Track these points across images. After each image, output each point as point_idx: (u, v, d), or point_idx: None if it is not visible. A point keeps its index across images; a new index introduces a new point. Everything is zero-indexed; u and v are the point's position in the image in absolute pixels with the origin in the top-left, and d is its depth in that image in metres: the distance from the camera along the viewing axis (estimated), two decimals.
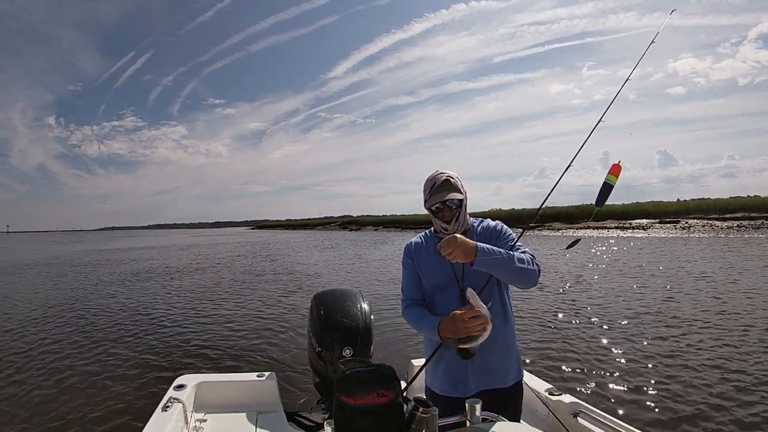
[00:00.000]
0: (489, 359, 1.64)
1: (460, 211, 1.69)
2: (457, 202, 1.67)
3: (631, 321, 6.58)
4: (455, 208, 1.67)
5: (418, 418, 1.18)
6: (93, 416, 3.79)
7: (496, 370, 1.66)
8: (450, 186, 1.66)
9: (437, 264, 1.70)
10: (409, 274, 1.80)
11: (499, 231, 1.73)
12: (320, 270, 15.21)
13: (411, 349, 5.25)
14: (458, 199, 1.66)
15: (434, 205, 1.67)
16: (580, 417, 1.98)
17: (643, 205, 39.13)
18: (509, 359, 1.70)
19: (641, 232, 30.99)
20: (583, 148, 1.77)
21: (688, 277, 10.53)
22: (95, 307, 8.97)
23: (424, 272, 1.75)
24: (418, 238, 1.84)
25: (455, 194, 1.65)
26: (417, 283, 1.78)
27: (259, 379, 2.33)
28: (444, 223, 1.69)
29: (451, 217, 1.67)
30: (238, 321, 7.36)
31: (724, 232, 27.51)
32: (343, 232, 61.79)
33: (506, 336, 1.70)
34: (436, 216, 1.70)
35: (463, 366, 1.64)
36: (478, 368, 1.64)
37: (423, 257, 1.77)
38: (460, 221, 1.69)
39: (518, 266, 1.53)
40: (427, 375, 1.79)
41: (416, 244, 1.81)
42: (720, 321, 6.38)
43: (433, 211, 1.70)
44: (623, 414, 3.56)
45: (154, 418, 1.87)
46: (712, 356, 4.89)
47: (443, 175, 1.68)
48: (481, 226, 1.77)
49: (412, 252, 1.80)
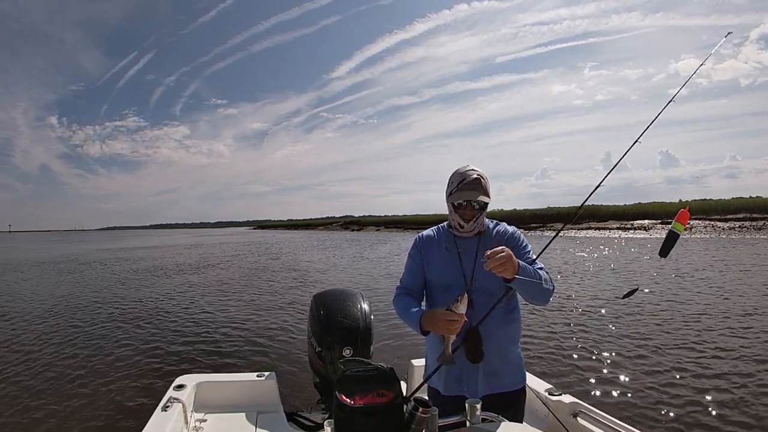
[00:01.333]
0: (496, 363, 1.62)
1: (482, 213, 1.66)
2: (482, 204, 1.64)
3: (631, 321, 6.56)
4: (478, 209, 1.64)
5: (417, 418, 1.18)
6: (93, 416, 3.79)
7: (502, 374, 1.64)
8: (480, 186, 1.62)
9: (448, 262, 1.67)
10: (412, 265, 1.77)
11: (517, 240, 1.70)
12: (320, 270, 15.22)
13: (411, 349, 5.25)
14: (485, 202, 1.64)
15: (459, 201, 1.63)
16: (580, 417, 1.97)
17: (645, 205, 39.05)
18: (515, 363, 1.69)
19: (643, 233, 30.93)
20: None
21: (688, 277, 10.50)
22: (95, 306, 8.97)
23: (432, 268, 1.72)
24: (430, 232, 1.79)
25: (484, 197, 1.62)
26: (418, 276, 1.75)
27: (259, 379, 2.33)
28: (463, 221, 1.66)
29: (471, 217, 1.64)
30: (238, 321, 7.36)
31: (725, 233, 27.44)
32: (344, 232, 61.78)
33: (514, 340, 1.70)
34: (457, 211, 1.66)
35: (469, 368, 1.62)
36: (485, 371, 1.62)
37: (433, 252, 1.73)
38: (478, 222, 1.67)
39: (543, 287, 1.52)
40: (429, 372, 1.76)
41: (428, 237, 1.77)
42: (721, 321, 6.36)
43: (455, 206, 1.66)
44: (623, 414, 3.54)
45: (154, 418, 1.87)
46: (713, 356, 4.88)
47: (474, 173, 1.63)
48: (497, 231, 1.73)
49: (423, 245, 1.76)
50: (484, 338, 1.59)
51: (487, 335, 1.59)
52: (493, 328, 1.60)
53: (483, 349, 1.59)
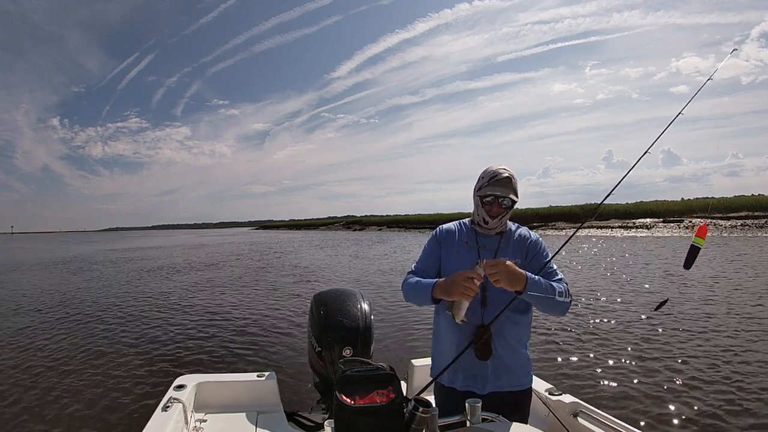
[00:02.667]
0: (505, 362, 1.63)
1: (508, 212, 1.67)
2: (510, 203, 1.65)
3: (631, 320, 6.54)
4: (505, 207, 1.65)
5: (418, 418, 1.18)
6: (93, 416, 3.79)
7: (510, 373, 1.65)
8: (511, 186, 1.64)
9: (466, 256, 1.67)
10: (428, 253, 1.77)
11: (536, 247, 1.70)
12: (321, 269, 15.22)
13: (411, 349, 5.24)
14: (514, 201, 1.65)
15: (489, 195, 1.64)
16: (580, 417, 1.98)
17: (647, 204, 38.97)
18: (523, 364, 1.70)
19: (645, 232, 30.87)
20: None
21: (690, 276, 10.45)
22: (95, 306, 8.98)
23: (448, 259, 1.72)
24: (452, 225, 1.80)
25: (513, 196, 1.64)
26: (432, 265, 1.74)
27: (259, 379, 2.33)
28: (489, 217, 1.66)
29: (497, 214, 1.65)
30: (237, 321, 7.37)
31: (727, 231, 27.37)
32: (346, 232, 61.78)
33: (523, 342, 1.71)
34: (484, 207, 1.67)
35: (479, 365, 1.62)
36: (494, 369, 1.63)
37: (453, 244, 1.73)
38: (503, 221, 1.69)
39: (558, 300, 1.53)
40: (437, 371, 1.75)
41: (448, 230, 1.78)
42: (721, 321, 6.34)
43: (483, 201, 1.66)
44: (623, 414, 3.52)
45: (154, 418, 1.87)
46: (713, 356, 4.86)
47: (506, 172, 1.64)
48: (519, 234, 1.73)
49: (443, 236, 1.77)
50: (495, 337, 1.60)
51: (498, 334, 1.61)
52: (504, 328, 1.62)
53: (492, 348, 1.60)
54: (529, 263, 1.64)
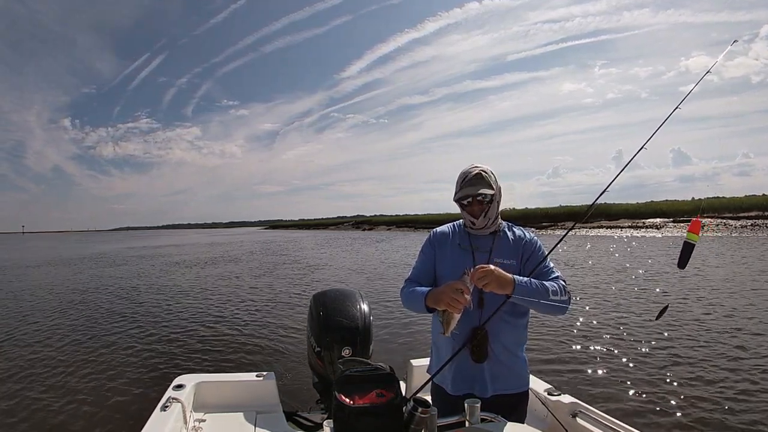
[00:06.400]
0: (502, 364, 1.61)
1: (490, 206, 1.64)
2: (488, 197, 1.62)
3: (631, 320, 6.48)
4: (486, 203, 1.63)
5: (417, 419, 1.18)
6: (92, 416, 3.80)
7: (507, 375, 1.63)
8: (482, 180, 1.62)
9: (460, 258, 1.65)
10: (424, 260, 1.75)
11: (531, 247, 1.67)
12: (322, 269, 15.26)
13: (411, 349, 5.23)
14: (489, 194, 1.61)
15: (465, 199, 1.63)
16: (579, 417, 1.97)
17: (657, 204, 38.63)
18: (520, 366, 1.68)
19: (654, 231, 30.55)
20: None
21: (695, 277, 10.31)
22: (95, 306, 9.04)
23: (443, 263, 1.70)
24: (445, 228, 1.78)
25: (486, 189, 1.60)
26: (428, 272, 1.72)
27: (259, 379, 2.32)
28: (473, 218, 1.64)
29: (480, 212, 1.63)
30: (237, 320, 7.37)
31: (737, 231, 27.01)
32: (355, 231, 61.87)
33: (520, 344, 1.69)
34: (465, 210, 1.66)
35: (476, 368, 1.61)
36: (490, 372, 1.61)
37: (446, 248, 1.71)
38: (489, 216, 1.64)
39: (552, 299, 1.51)
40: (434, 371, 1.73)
41: (442, 234, 1.76)
42: (722, 321, 6.26)
43: (463, 205, 1.66)
44: (623, 414, 3.48)
45: (153, 418, 1.87)
46: (714, 356, 4.81)
47: (476, 169, 1.64)
48: (514, 234, 1.70)
49: (437, 240, 1.75)
50: (491, 339, 1.59)
51: (494, 337, 1.59)
52: (500, 331, 1.60)
53: (488, 350, 1.58)
54: (525, 263, 1.62)
